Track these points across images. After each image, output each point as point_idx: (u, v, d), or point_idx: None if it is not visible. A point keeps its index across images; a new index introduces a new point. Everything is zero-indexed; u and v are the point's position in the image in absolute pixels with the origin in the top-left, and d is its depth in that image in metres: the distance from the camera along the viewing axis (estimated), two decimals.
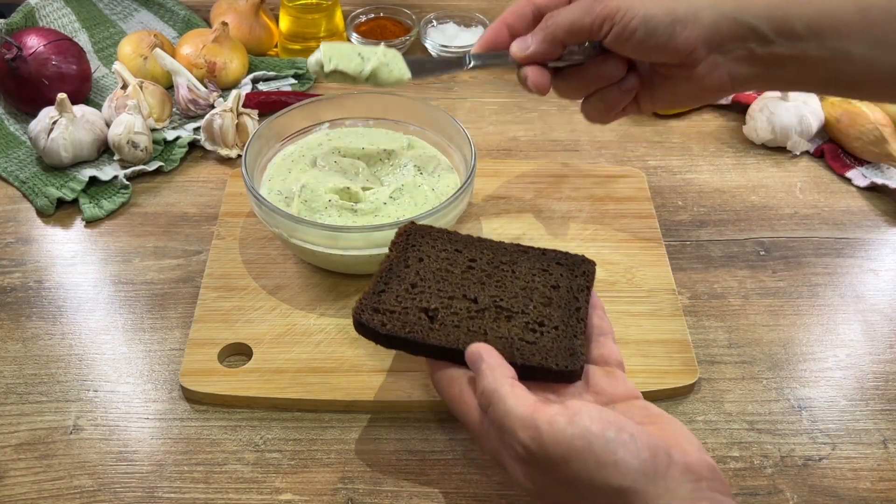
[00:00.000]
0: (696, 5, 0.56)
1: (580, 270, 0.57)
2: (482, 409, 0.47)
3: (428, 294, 0.53)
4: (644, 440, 0.43)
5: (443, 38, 0.97)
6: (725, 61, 0.57)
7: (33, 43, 0.84)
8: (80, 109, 0.80)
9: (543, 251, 0.58)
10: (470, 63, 0.63)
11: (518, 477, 0.45)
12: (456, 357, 0.50)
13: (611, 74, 0.62)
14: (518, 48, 0.61)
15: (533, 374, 0.49)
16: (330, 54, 0.62)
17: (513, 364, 0.48)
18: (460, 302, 0.53)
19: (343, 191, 0.67)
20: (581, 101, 0.65)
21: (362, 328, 0.52)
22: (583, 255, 0.58)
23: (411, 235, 0.58)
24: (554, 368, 0.49)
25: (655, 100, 0.64)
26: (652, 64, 0.62)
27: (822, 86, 0.60)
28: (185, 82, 0.86)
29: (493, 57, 0.63)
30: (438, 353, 0.51)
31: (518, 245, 0.58)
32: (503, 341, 0.51)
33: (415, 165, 0.72)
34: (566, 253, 0.58)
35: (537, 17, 0.61)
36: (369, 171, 0.71)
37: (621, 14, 0.56)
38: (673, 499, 0.42)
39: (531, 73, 0.61)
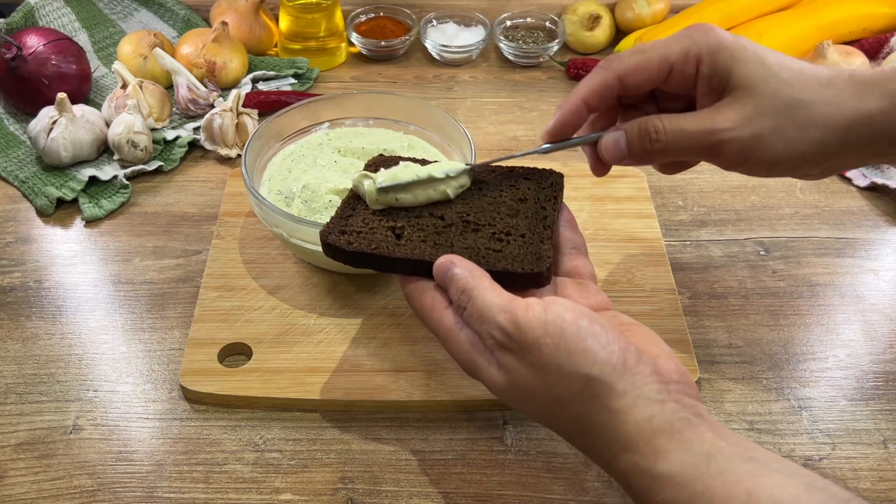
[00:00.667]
0: (842, 134, 0.48)
1: (547, 182, 0.56)
2: (460, 308, 0.46)
3: (395, 215, 0.53)
4: (615, 335, 0.43)
5: (443, 37, 0.97)
6: (854, 157, 0.51)
7: (33, 42, 0.84)
8: (79, 109, 0.80)
9: (511, 168, 0.57)
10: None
11: (491, 372, 0.45)
12: (424, 271, 0.50)
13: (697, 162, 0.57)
14: (612, 157, 0.53)
15: (501, 281, 0.48)
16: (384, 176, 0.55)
17: None
18: (427, 220, 0.53)
19: (343, 191, 0.67)
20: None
21: (330, 249, 0.52)
22: (551, 169, 0.57)
23: (380, 165, 0.58)
24: (520, 272, 0.49)
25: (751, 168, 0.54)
26: None
27: None
28: (185, 82, 0.86)
29: (564, 144, 0.55)
30: (407, 267, 0.50)
31: (485, 164, 0.57)
32: (469, 251, 0.50)
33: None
34: (534, 168, 0.57)
35: (622, 90, 0.52)
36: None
37: (757, 154, 0.49)
38: (639, 397, 0.42)
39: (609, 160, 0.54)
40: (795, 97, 0.48)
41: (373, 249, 0.51)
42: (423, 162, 0.57)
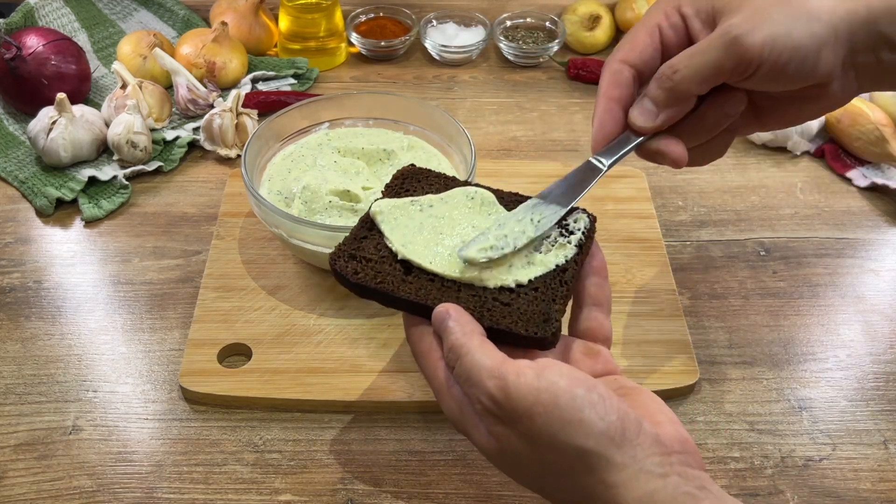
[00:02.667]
0: (831, 22, 0.48)
1: (576, 227, 0.50)
2: (449, 366, 0.44)
3: None
4: (614, 403, 0.40)
5: (443, 37, 0.97)
6: (857, 74, 0.51)
7: (33, 43, 0.83)
8: (79, 109, 0.80)
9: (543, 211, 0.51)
10: (605, 168, 0.51)
11: (481, 436, 0.43)
12: (427, 313, 0.47)
13: (734, 112, 0.52)
14: (644, 120, 0.50)
15: (503, 338, 0.46)
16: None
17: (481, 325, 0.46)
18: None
19: (343, 192, 0.67)
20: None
21: (336, 275, 0.49)
22: (583, 209, 0.51)
23: (407, 179, 0.54)
24: (522, 334, 0.45)
25: (767, 122, 0.55)
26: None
27: None
28: (185, 82, 0.86)
29: (620, 145, 0.51)
30: (410, 307, 0.48)
31: (517, 195, 0.53)
32: (476, 301, 0.47)
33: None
34: (568, 208, 0.50)
35: (639, 78, 0.52)
36: (369, 171, 0.71)
37: (768, 50, 0.47)
38: (640, 470, 0.39)
39: (668, 146, 0.51)
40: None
41: (377, 284, 0.48)
42: (454, 181, 0.53)
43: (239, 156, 0.82)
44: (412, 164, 0.56)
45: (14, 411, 0.60)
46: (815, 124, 0.83)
